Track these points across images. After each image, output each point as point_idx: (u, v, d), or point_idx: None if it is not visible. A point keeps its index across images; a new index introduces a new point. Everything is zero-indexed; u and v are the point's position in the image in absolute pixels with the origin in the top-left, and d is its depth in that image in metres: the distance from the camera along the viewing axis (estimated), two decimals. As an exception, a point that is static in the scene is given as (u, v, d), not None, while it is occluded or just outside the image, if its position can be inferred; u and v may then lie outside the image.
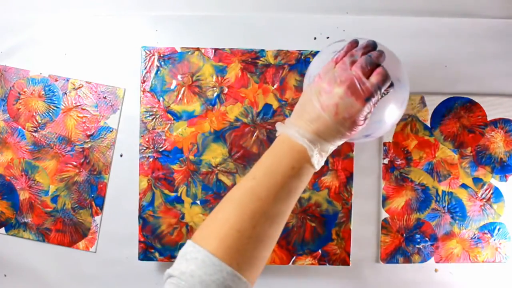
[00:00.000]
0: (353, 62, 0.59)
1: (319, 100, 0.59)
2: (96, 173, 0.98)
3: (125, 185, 0.97)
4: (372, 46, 0.65)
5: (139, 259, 0.94)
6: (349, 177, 0.94)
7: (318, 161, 0.63)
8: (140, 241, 0.93)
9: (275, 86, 0.94)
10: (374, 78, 0.57)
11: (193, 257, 0.54)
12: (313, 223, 0.94)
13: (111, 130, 0.98)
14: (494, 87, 0.99)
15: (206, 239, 0.56)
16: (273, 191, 0.59)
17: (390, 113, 0.71)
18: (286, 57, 0.93)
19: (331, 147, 0.64)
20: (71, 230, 0.98)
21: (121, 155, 0.98)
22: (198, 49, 0.93)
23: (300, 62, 0.93)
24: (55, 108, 0.98)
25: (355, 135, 0.65)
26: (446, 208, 0.98)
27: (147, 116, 0.93)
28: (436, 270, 0.99)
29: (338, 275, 0.99)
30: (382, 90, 0.59)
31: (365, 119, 0.62)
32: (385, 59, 0.64)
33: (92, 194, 0.98)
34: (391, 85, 0.62)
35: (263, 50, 0.94)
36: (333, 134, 0.61)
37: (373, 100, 0.58)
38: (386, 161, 0.98)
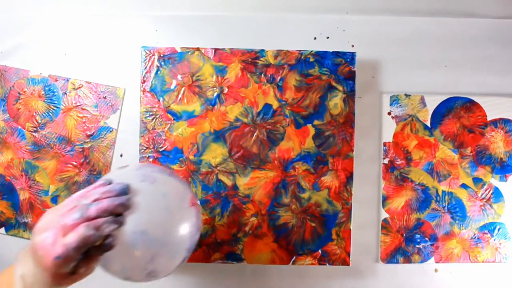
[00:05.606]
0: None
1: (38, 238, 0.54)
2: (96, 173, 0.98)
3: (125, 185, 0.97)
4: (117, 192, 0.58)
5: (139, 259, 0.93)
6: (349, 177, 0.94)
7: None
8: (140, 241, 0.93)
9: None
10: (69, 238, 0.52)
11: None
12: (313, 223, 0.94)
13: (111, 130, 0.98)
14: (494, 87, 0.99)
15: None
16: None
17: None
18: (286, 57, 0.93)
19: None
20: (71, 230, 0.98)
21: (121, 155, 0.98)
22: (198, 49, 0.93)
23: (300, 62, 0.93)
24: (55, 108, 0.98)
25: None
26: (446, 208, 0.98)
27: (147, 116, 0.93)
28: (436, 270, 0.99)
29: (338, 275, 0.99)
30: (82, 250, 0.53)
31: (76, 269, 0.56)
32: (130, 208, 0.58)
33: (92, 194, 0.98)
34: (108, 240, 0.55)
35: (263, 50, 0.93)
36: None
37: (67, 256, 0.52)
38: (386, 161, 0.98)
